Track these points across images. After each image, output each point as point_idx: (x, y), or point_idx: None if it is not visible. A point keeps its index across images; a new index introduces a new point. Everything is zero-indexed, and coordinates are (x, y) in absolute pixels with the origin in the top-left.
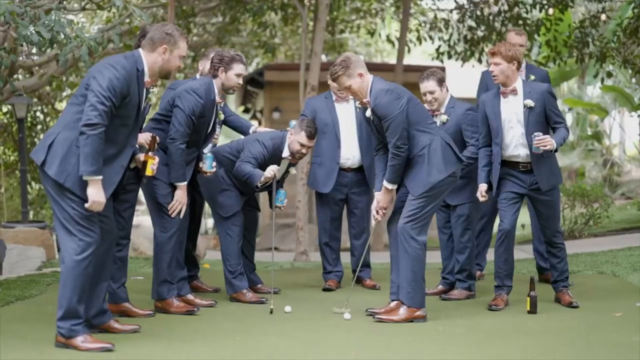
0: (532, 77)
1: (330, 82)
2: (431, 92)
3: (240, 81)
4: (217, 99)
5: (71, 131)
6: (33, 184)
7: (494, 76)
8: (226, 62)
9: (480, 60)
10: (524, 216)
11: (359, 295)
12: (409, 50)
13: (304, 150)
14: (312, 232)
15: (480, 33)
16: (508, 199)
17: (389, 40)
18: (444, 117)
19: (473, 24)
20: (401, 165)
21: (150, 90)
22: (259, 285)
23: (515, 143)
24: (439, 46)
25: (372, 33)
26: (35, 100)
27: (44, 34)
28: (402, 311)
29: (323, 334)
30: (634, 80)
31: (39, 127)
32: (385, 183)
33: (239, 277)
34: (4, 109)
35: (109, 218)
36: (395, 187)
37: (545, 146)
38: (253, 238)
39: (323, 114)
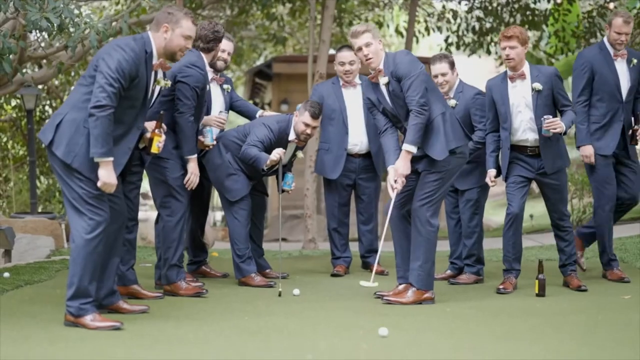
0: (635, 61)
1: (337, 67)
2: (443, 74)
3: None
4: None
5: (79, 112)
6: (42, 178)
7: (510, 59)
8: (220, 38)
9: (489, 52)
10: (531, 208)
11: (367, 280)
12: (417, 41)
13: (308, 131)
14: (320, 222)
15: (488, 24)
16: (516, 183)
17: (397, 31)
18: (453, 102)
19: (481, 14)
20: (423, 124)
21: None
22: (267, 270)
23: (523, 127)
24: (447, 36)
25: (380, 24)
26: (44, 94)
27: (52, 20)
28: (411, 293)
29: (331, 315)
30: None
31: (47, 121)
32: (405, 146)
33: (247, 261)
34: (13, 103)
35: (119, 198)
36: (415, 150)
37: (555, 129)
38: (261, 223)
39: (330, 99)
